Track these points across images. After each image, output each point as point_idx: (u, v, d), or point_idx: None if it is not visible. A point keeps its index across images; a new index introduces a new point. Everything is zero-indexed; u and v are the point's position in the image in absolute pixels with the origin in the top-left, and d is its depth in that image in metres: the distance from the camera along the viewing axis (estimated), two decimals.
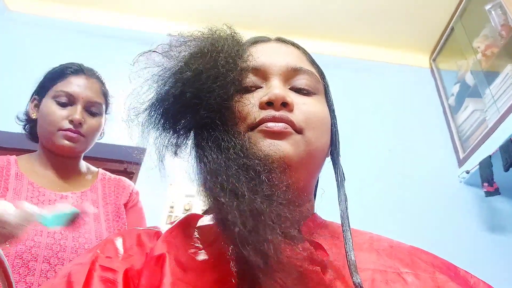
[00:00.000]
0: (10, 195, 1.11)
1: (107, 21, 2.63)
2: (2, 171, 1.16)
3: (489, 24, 2.24)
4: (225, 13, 2.59)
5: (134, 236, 0.58)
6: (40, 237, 1.07)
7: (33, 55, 2.39)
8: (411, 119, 2.52)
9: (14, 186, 1.14)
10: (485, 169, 2.02)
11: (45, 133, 1.20)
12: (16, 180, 1.15)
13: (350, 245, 0.55)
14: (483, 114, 2.19)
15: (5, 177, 1.15)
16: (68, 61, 2.40)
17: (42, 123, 1.21)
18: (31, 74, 2.26)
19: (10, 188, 1.13)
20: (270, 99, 0.59)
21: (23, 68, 2.31)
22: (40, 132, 1.23)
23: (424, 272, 0.57)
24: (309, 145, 0.59)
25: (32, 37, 2.47)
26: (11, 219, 0.82)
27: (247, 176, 0.51)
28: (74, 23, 2.58)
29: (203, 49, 0.59)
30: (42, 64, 2.33)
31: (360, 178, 2.12)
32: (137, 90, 0.61)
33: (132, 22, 2.66)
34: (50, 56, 2.39)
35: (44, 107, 1.22)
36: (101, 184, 1.30)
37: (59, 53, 2.41)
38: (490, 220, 2.17)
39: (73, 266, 0.53)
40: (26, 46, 2.43)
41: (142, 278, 0.51)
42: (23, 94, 2.21)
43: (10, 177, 1.15)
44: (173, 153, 0.61)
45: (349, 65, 2.69)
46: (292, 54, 0.68)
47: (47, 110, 1.20)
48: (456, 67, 2.55)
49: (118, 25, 2.63)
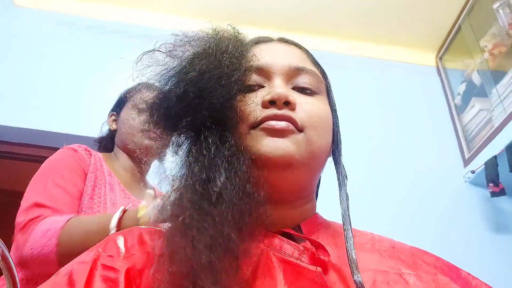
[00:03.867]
0: (108, 189, 1.15)
1: (115, 16, 2.63)
2: (100, 163, 1.19)
3: (496, 23, 2.23)
4: (229, 10, 2.58)
5: (136, 235, 0.59)
6: None
7: (39, 50, 2.40)
8: (416, 118, 2.51)
9: (109, 181, 1.17)
10: (491, 169, 2.00)
11: (128, 136, 1.25)
12: (108, 176, 1.19)
13: (351, 243, 0.56)
14: (489, 113, 2.17)
15: (102, 170, 1.18)
16: (75, 56, 2.42)
17: (124, 129, 1.27)
18: (37, 70, 2.29)
19: (107, 182, 1.16)
20: (273, 98, 0.59)
21: (29, 63, 2.33)
22: (122, 138, 1.29)
23: (426, 274, 0.57)
24: (311, 144, 0.59)
25: (38, 33, 2.47)
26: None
27: (221, 188, 0.53)
28: (81, 18, 2.59)
29: (207, 49, 0.60)
30: (49, 60, 2.36)
31: (364, 177, 2.11)
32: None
33: (141, 17, 2.66)
34: (57, 52, 2.41)
35: (125, 115, 1.29)
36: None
37: (65, 48, 2.43)
38: (495, 220, 2.15)
39: (75, 264, 0.54)
40: (32, 41, 2.43)
41: (144, 277, 0.52)
42: (28, 89, 2.24)
43: (104, 172, 1.18)
44: (174, 153, 0.62)
45: (355, 62, 2.68)
46: (295, 54, 0.68)
47: (128, 117, 1.27)
48: (463, 66, 2.53)
49: (125, 21, 2.63)
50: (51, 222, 0.95)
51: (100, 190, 1.13)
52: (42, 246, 0.91)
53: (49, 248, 0.90)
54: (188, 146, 0.61)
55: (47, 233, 0.92)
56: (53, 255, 0.90)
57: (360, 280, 0.51)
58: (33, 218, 0.97)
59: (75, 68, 2.34)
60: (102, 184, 1.14)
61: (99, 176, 1.15)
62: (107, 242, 0.57)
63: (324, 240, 0.60)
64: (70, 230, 0.92)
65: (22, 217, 0.99)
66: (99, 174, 1.16)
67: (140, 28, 2.55)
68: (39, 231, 0.93)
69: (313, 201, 0.68)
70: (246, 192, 0.54)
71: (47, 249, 0.90)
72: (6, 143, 2.15)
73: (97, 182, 1.13)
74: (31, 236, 0.94)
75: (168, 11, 2.67)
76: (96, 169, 1.16)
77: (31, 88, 2.23)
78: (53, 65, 2.35)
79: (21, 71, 2.29)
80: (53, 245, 0.90)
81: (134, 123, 1.24)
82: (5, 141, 2.14)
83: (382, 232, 0.68)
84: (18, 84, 2.23)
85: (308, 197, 0.65)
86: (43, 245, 0.91)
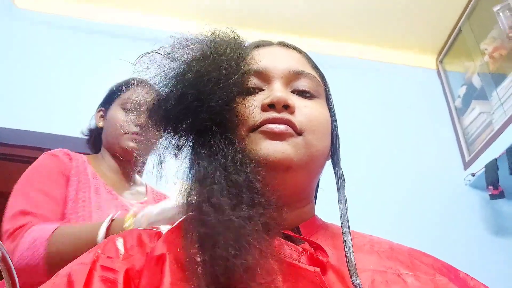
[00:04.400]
0: (93, 192, 1.14)
1: (114, 18, 2.64)
2: (83, 166, 1.19)
3: (497, 26, 2.23)
4: (231, 12, 2.58)
5: (135, 236, 0.59)
6: None
7: (39, 52, 2.40)
8: (416, 120, 2.51)
9: (94, 184, 1.16)
10: (491, 172, 2.00)
11: (113, 137, 1.24)
12: (93, 178, 1.17)
13: (350, 246, 0.56)
14: (489, 116, 2.17)
15: (86, 174, 1.17)
16: (76, 59, 2.43)
17: (110, 129, 1.26)
18: (39, 73, 2.29)
19: (91, 185, 1.15)
20: (272, 101, 0.59)
21: (30, 66, 2.33)
22: (107, 137, 1.28)
23: (424, 274, 0.57)
24: (309, 147, 0.60)
25: (38, 34, 2.48)
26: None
27: (232, 192, 0.53)
28: (81, 20, 2.59)
29: (205, 52, 0.60)
30: (50, 63, 2.36)
31: (365, 180, 2.11)
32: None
33: (141, 19, 2.66)
34: (57, 54, 2.42)
35: (112, 114, 1.27)
36: (152, 197, 1.32)
37: (65, 50, 2.43)
38: (495, 223, 2.15)
39: (74, 265, 0.54)
40: (32, 43, 2.44)
41: (143, 278, 0.52)
42: (29, 92, 2.24)
43: (88, 175, 1.17)
44: (174, 155, 0.62)
45: (355, 65, 2.68)
46: (294, 58, 0.69)
47: (115, 116, 1.25)
48: (463, 69, 2.53)
49: (125, 23, 2.63)
50: (38, 231, 0.94)
51: (84, 194, 1.12)
52: (30, 256, 0.91)
53: (37, 259, 0.90)
54: (190, 149, 0.61)
55: (34, 243, 0.92)
56: (40, 265, 0.90)
57: (358, 282, 0.52)
58: (20, 226, 0.97)
59: (74, 70, 2.34)
60: (86, 188, 1.13)
61: (83, 180, 1.14)
62: (106, 244, 0.57)
63: (323, 241, 0.60)
64: (57, 240, 0.91)
65: (9, 225, 0.99)
66: (83, 178, 1.15)
67: (140, 30, 2.55)
68: (26, 241, 0.93)
69: (312, 203, 0.68)
70: (258, 193, 0.54)
71: (34, 259, 0.90)
72: (6, 145, 2.16)
73: (80, 186, 1.12)
74: (18, 246, 0.93)
75: (168, 14, 2.67)
76: (79, 172, 1.15)
77: (31, 89, 2.23)
78: (52, 67, 2.35)
79: (21, 72, 2.29)
80: (41, 256, 0.90)
81: (122, 122, 1.22)
82: (4, 143, 2.15)
83: (383, 234, 0.69)
84: (18, 85, 2.24)
85: (307, 200, 0.66)
86: (30, 255, 0.91)
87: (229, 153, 0.56)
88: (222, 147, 0.56)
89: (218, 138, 0.57)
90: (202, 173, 0.55)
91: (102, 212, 1.10)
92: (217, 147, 0.56)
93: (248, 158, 0.56)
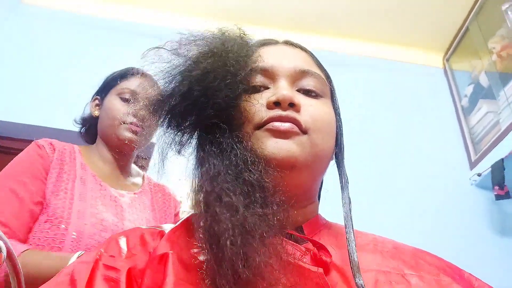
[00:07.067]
0: (78, 183, 1.12)
1: (121, 14, 2.65)
2: (72, 157, 1.17)
3: (505, 24, 2.21)
4: (236, 10, 2.58)
5: (137, 235, 0.59)
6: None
7: (46, 49, 2.41)
8: (422, 119, 2.49)
9: (81, 175, 1.15)
10: (497, 172, 1.99)
11: (109, 127, 1.22)
12: (81, 169, 1.16)
13: (353, 246, 0.55)
14: (496, 116, 2.15)
15: (73, 164, 1.16)
16: (82, 55, 2.44)
17: (106, 118, 1.24)
18: (45, 68, 2.30)
19: (77, 175, 1.14)
20: (278, 99, 0.59)
21: (37, 62, 2.34)
22: (103, 127, 1.25)
23: (428, 274, 0.57)
24: (314, 146, 0.60)
25: (45, 31, 2.49)
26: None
27: (244, 190, 0.52)
28: (87, 16, 2.60)
29: (212, 49, 0.60)
30: (56, 58, 2.37)
31: (370, 178, 2.11)
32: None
33: (147, 16, 2.67)
34: (64, 50, 2.42)
35: (108, 103, 1.25)
36: (149, 188, 1.31)
37: (72, 47, 2.44)
38: (500, 223, 2.14)
39: (76, 264, 0.54)
40: (39, 40, 2.45)
41: (145, 277, 0.52)
42: (35, 87, 2.25)
43: (76, 165, 1.16)
44: (177, 152, 0.62)
45: (361, 63, 2.67)
46: (300, 56, 0.69)
47: (111, 106, 1.23)
48: (470, 67, 2.51)
49: (132, 19, 2.64)
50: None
51: (67, 184, 1.10)
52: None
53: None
54: (197, 146, 0.61)
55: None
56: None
57: (361, 283, 0.51)
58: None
59: (79, 65, 2.35)
60: (70, 178, 1.12)
61: (68, 170, 1.13)
62: (109, 242, 0.57)
63: (326, 241, 0.60)
64: (21, 264, 0.90)
65: None
66: (68, 168, 1.13)
67: (146, 27, 2.56)
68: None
69: (316, 203, 0.68)
70: (270, 192, 0.54)
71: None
72: (10, 139, 2.18)
73: (61, 177, 1.11)
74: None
75: (174, 10, 2.68)
76: (62, 163, 1.13)
77: (38, 84, 2.25)
78: (59, 62, 2.36)
79: (29, 67, 2.30)
80: (2, 280, 0.88)
81: (118, 113, 1.21)
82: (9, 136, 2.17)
83: (387, 233, 0.68)
84: (25, 80, 2.25)
85: (311, 199, 0.65)
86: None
87: (239, 151, 0.55)
88: (232, 145, 0.56)
89: (228, 135, 0.57)
90: (212, 171, 0.55)
91: (85, 203, 1.08)
92: (226, 145, 0.56)
93: (257, 156, 0.56)
